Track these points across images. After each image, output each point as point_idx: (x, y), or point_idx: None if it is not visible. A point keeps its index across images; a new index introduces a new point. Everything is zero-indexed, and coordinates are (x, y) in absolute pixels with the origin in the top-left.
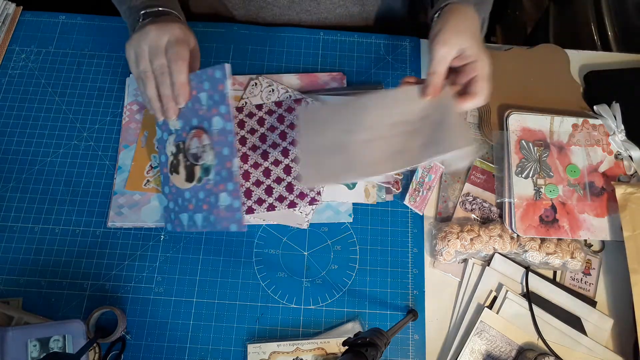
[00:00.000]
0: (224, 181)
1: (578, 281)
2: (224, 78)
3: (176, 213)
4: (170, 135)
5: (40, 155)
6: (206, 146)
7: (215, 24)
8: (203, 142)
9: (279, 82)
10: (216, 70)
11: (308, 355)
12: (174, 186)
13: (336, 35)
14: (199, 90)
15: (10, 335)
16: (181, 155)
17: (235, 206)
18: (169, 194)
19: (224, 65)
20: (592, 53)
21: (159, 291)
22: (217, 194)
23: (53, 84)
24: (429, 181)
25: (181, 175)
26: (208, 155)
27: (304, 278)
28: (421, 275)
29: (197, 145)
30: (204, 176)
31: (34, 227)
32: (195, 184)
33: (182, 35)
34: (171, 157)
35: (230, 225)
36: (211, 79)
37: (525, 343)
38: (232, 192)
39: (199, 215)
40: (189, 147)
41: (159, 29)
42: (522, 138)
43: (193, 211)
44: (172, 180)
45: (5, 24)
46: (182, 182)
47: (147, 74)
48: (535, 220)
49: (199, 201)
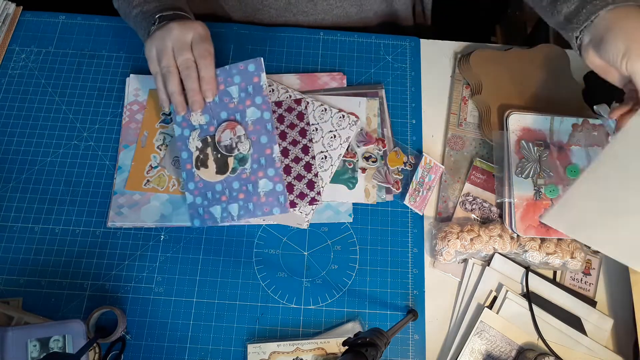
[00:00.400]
0: (262, 168)
1: (578, 281)
2: (259, 71)
3: (205, 207)
4: (193, 131)
5: (40, 155)
6: (241, 137)
7: (215, 24)
8: (237, 134)
9: (279, 82)
10: (249, 64)
11: (308, 355)
12: (202, 180)
13: (336, 35)
14: (227, 84)
15: (10, 335)
16: (209, 149)
17: (278, 190)
18: (195, 190)
19: (259, 59)
20: None
21: (159, 291)
22: (256, 181)
23: (53, 84)
24: (429, 181)
25: (210, 169)
26: (244, 145)
27: (304, 278)
28: (421, 275)
29: (230, 137)
30: (238, 166)
31: (34, 227)
32: (228, 175)
33: (206, 33)
34: (197, 152)
35: (273, 209)
36: (243, 73)
37: (525, 343)
38: (274, 177)
39: (234, 205)
40: (220, 139)
41: (182, 26)
42: (522, 138)
43: (227, 202)
44: (200, 174)
45: (5, 24)
46: (212, 175)
47: (171, 69)
48: (535, 220)
49: (232, 191)
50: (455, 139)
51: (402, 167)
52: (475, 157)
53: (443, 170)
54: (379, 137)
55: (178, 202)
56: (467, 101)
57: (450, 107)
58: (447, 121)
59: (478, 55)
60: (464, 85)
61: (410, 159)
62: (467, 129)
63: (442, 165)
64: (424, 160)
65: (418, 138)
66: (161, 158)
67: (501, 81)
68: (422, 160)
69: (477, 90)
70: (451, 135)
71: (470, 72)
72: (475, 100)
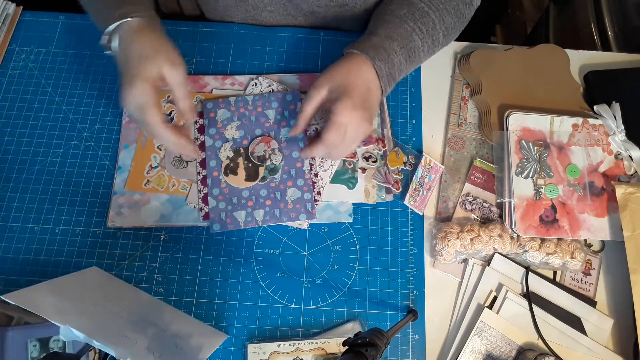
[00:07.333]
0: (292, 178)
1: (578, 281)
2: (296, 100)
3: (229, 212)
4: (225, 142)
5: (40, 155)
6: (275, 149)
7: (215, 24)
8: (271, 147)
9: (279, 82)
10: (287, 94)
11: (308, 355)
12: (229, 186)
13: (336, 35)
14: (265, 108)
15: (10, 335)
16: (241, 158)
17: (306, 198)
18: (220, 195)
19: (297, 92)
20: (592, 53)
21: (159, 291)
22: (285, 189)
23: (53, 84)
24: (429, 181)
25: (240, 176)
26: (277, 157)
27: (304, 278)
28: (421, 275)
29: (264, 149)
30: (268, 175)
31: (34, 227)
32: (257, 182)
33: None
34: (227, 161)
35: (300, 215)
36: (280, 100)
37: (525, 343)
38: (303, 186)
39: (260, 211)
40: (253, 150)
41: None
42: (522, 138)
43: (252, 207)
44: (228, 181)
45: (5, 24)
46: (241, 182)
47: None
48: (535, 220)
49: (259, 198)
50: (455, 139)
51: (402, 167)
52: (475, 157)
53: (443, 170)
54: (379, 137)
55: (178, 202)
56: (467, 101)
57: (450, 107)
58: (447, 121)
59: (478, 55)
60: (464, 85)
61: (410, 159)
62: (467, 129)
63: (442, 165)
64: (424, 160)
65: (418, 138)
66: (161, 158)
67: (501, 81)
68: (422, 160)
69: (477, 90)
70: (451, 135)
71: (470, 72)
72: (475, 100)
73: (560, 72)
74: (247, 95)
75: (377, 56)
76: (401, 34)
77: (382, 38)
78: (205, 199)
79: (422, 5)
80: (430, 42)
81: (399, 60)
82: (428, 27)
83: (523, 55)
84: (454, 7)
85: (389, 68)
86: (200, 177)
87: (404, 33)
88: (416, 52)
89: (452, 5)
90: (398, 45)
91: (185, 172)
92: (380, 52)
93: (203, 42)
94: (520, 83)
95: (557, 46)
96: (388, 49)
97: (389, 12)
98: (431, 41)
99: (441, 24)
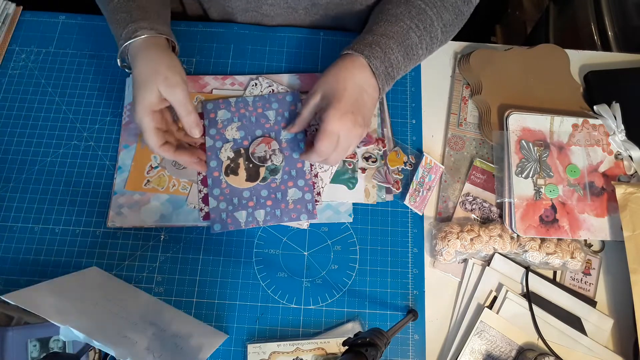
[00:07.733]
0: (293, 179)
1: (578, 281)
2: (296, 101)
3: (230, 212)
4: (226, 143)
5: (40, 155)
6: (275, 150)
7: (215, 24)
8: (272, 148)
9: (279, 82)
10: (287, 95)
11: (308, 355)
12: (229, 187)
13: (336, 35)
14: (265, 109)
15: (10, 335)
16: (241, 159)
17: (306, 198)
18: (220, 195)
19: (297, 93)
20: (592, 53)
21: (159, 291)
22: (285, 190)
23: (53, 84)
24: (429, 181)
25: (240, 177)
26: (277, 157)
27: (304, 278)
28: (421, 275)
29: (264, 149)
30: (269, 176)
31: (34, 227)
32: (258, 183)
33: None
34: (227, 161)
35: (300, 215)
36: (281, 101)
37: (525, 343)
38: (304, 187)
39: (261, 211)
40: (254, 151)
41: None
42: (522, 138)
43: (253, 208)
44: (228, 181)
45: (5, 24)
46: (242, 182)
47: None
48: (535, 220)
49: (260, 198)
50: (455, 139)
51: (402, 167)
52: (475, 157)
53: (443, 170)
54: (379, 137)
55: (178, 202)
56: (467, 101)
57: (450, 107)
58: (447, 121)
59: (478, 55)
60: (464, 85)
61: (411, 158)
62: (467, 129)
63: (442, 165)
64: (424, 160)
65: (418, 138)
66: (161, 158)
67: (501, 81)
68: (422, 160)
69: (477, 90)
70: (451, 135)
71: (470, 72)
72: (475, 100)
73: (560, 72)
74: (248, 96)
75: (373, 55)
76: (397, 31)
77: (378, 36)
78: (205, 199)
79: (419, 3)
80: (429, 39)
81: (396, 57)
82: (426, 25)
83: (523, 55)
84: (452, 4)
85: (386, 66)
86: (200, 177)
87: (401, 30)
88: (414, 50)
89: (450, 2)
90: (394, 43)
91: (185, 172)
92: (376, 51)
93: (203, 42)
94: (520, 83)
95: (557, 46)
96: (384, 46)
97: (385, 11)
98: (429, 38)
99: (439, 21)
